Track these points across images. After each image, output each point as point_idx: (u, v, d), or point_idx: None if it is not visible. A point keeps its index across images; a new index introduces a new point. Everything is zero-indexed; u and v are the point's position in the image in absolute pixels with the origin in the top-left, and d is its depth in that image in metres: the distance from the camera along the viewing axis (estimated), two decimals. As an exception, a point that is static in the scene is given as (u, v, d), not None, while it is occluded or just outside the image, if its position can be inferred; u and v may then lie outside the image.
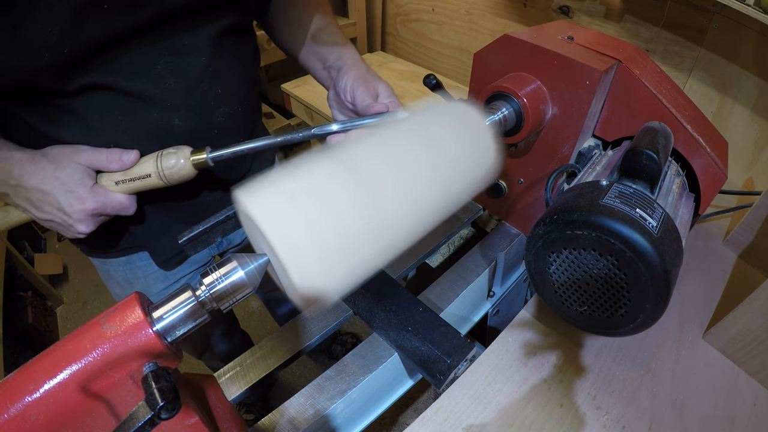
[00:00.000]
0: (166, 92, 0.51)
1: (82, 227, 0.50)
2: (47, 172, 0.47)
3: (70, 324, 1.70)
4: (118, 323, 0.29)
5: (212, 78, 0.55)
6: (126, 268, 0.70)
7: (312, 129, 0.49)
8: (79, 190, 0.47)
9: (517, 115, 0.53)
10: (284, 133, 0.51)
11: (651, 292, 0.40)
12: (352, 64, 0.60)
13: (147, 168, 0.49)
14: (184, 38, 0.51)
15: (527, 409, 0.51)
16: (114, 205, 0.50)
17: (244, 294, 0.32)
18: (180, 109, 0.53)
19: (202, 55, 0.53)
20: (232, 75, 0.58)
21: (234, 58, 0.58)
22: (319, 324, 0.61)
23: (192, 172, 0.51)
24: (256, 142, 0.50)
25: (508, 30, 0.58)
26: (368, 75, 0.58)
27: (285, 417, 0.51)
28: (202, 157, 0.50)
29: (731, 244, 0.73)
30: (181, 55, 0.51)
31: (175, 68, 0.51)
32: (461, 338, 0.54)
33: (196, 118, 0.55)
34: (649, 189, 0.46)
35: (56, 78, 0.45)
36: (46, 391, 0.27)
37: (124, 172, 0.50)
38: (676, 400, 0.52)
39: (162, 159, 0.49)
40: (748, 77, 0.91)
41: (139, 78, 0.49)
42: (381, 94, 0.55)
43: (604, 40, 0.58)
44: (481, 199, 0.77)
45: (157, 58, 0.49)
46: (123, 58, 0.47)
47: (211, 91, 0.56)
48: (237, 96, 0.60)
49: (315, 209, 0.29)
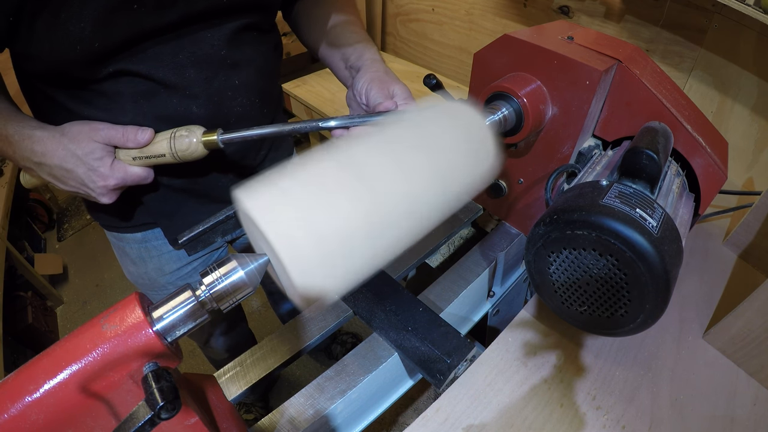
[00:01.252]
0: (186, 80, 0.54)
1: (105, 199, 0.53)
2: (69, 151, 0.49)
3: (70, 324, 1.70)
4: (118, 323, 0.29)
5: (230, 69, 0.57)
6: (141, 246, 0.72)
7: (319, 121, 0.50)
8: (101, 168, 0.50)
9: (517, 115, 0.53)
10: (293, 123, 0.52)
11: (651, 292, 0.40)
12: (371, 65, 0.60)
13: (161, 148, 0.52)
14: (207, 32, 0.53)
15: (527, 409, 0.51)
16: (133, 178, 0.53)
17: (244, 294, 0.32)
18: (199, 98, 0.56)
19: (222, 47, 0.55)
20: (251, 68, 0.60)
21: (253, 52, 0.60)
22: (319, 324, 0.61)
23: (203, 151, 0.53)
24: (265, 129, 0.51)
25: (508, 30, 0.58)
26: (385, 76, 0.58)
27: (285, 417, 0.51)
28: (213, 138, 0.52)
29: (731, 244, 0.73)
30: (202, 47, 0.53)
31: (196, 58, 0.53)
32: (461, 338, 0.53)
33: (214, 107, 0.57)
34: (649, 189, 0.46)
35: (87, 67, 0.48)
36: (46, 391, 0.27)
37: (141, 150, 0.52)
38: (676, 400, 0.52)
39: (175, 140, 0.52)
40: (748, 77, 0.91)
41: (163, 67, 0.52)
42: (397, 95, 0.56)
43: (604, 40, 0.58)
44: (481, 199, 0.77)
45: (180, 50, 0.52)
46: (149, 49, 0.50)
47: (229, 82, 0.58)
48: (255, 88, 0.62)
49: (315, 209, 0.29)
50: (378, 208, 0.32)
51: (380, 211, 0.32)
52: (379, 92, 0.55)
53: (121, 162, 0.52)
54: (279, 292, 1.06)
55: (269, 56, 0.64)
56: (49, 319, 1.65)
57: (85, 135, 0.50)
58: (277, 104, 0.73)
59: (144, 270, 0.74)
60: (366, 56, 0.63)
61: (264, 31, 0.62)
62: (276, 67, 0.68)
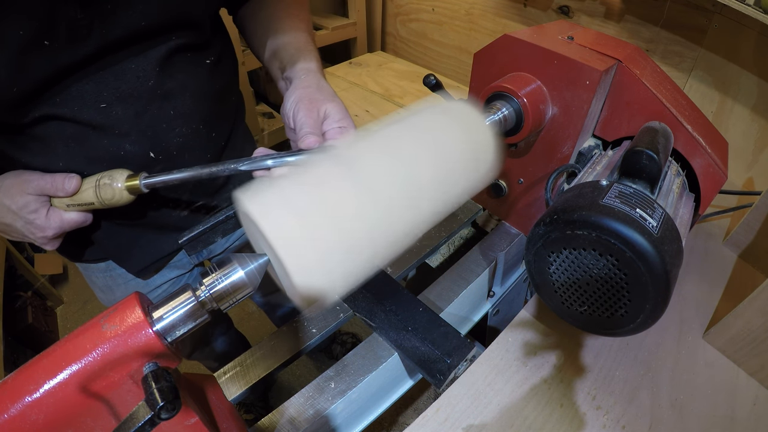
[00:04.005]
0: (113, 119, 0.50)
1: (48, 247, 0.53)
2: (4, 207, 0.49)
3: (70, 324, 1.70)
4: (118, 323, 0.29)
5: (162, 100, 0.53)
6: (106, 274, 0.70)
7: (236, 163, 0.46)
8: (37, 220, 0.50)
9: (517, 115, 0.53)
10: (211, 165, 0.47)
11: (651, 292, 0.40)
12: (303, 77, 0.52)
13: (88, 196, 0.50)
14: (131, 62, 0.49)
15: (527, 409, 0.51)
16: (71, 224, 0.52)
17: (244, 294, 0.32)
18: (130, 135, 0.52)
19: (149, 78, 0.50)
20: (186, 95, 0.55)
21: (186, 77, 0.55)
22: (319, 324, 0.61)
23: (129, 197, 0.50)
24: (183, 173, 0.48)
25: (508, 30, 0.58)
26: (317, 93, 0.49)
27: (285, 417, 0.51)
28: (136, 183, 0.49)
29: (731, 244, 0.73)
30: (127, 81, 0.49)
31: (121, 94, 0.49)
32: (461, 338, 0.53)
33: (148, 143, 0.54)
34: (649, 189, 0.46)
35: (11, 112, 0.45)
36: (46, 391, 0.27)
37: (72, 198, 0.50)
38: (676, 400, 0.52)
39: (100, 189, 0.50)
40: (748, 77, 0.91)
41: (87, 107, 0.48)
42: (329, 116, 0.48)
43: (604, 40, 0.58)
44: (481, 199, 0.77)
45: (104, 86, 0.48)
46: (72, 88, 0.47)
47: (162, 114, 0.53)
48: (195, 115, 0.57)
49: (315, 209, 0.29)
50: (378, 208, 0.32)
51: (380, 211, 0.32)
52: (306, 116, 0.47)
53: (57, 210, 0.51)
54: (271, 303, 1.06)
55: (208, 76, 0.58)
56: (49, 319, 1.65)
57: (18, 188, 0.49)
58: (233, 122, 0.67)
59: (113, 297, 0.73)
60: (299, 66, 0.54)
61: (199, 50, 0.56)
62: (224, 84, 0.62)
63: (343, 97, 1.95)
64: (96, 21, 0.44)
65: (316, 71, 0.54)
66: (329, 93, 0.50)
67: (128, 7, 0.45)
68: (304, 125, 0.46)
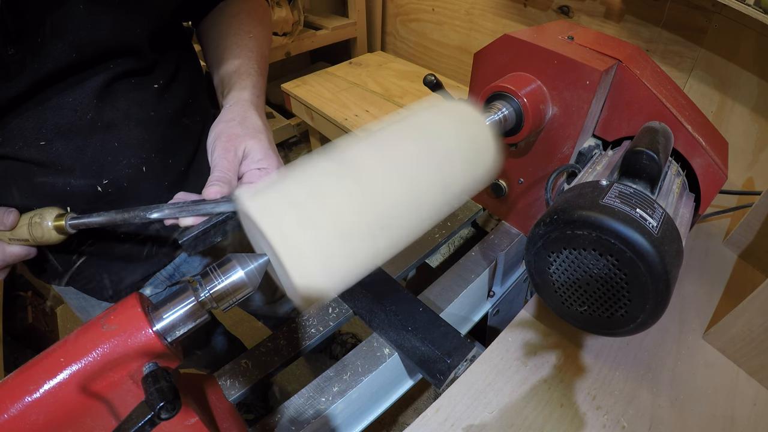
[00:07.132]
0: (54, 155, 0.49)
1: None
2: None
3: (70, 324, 1.69)
4: (118, 323, 0.29)
5: (104, 132, 0.50)
6: (79, 296, 0.67)
7: (145, 212, 0.43)
8: None
9: (517, 115, 0.53)
10: (123, 211, 0.45)
11: (651, 292, 0.40)
12: (229, 109, 0.49)
13: (23, 233, 0.49)
14: (67, 95, 0.47)
15: (527, 409, 0.51)
16: (13, 257, 0.50)
17: (244, 294, 0.32)
18: (74, 170, 0.50)
19: (87, 111, 0.48)
20: (130, 124, 0.52)
21: (131, 105, 0.52)
22: (319, 324, 0.61)
23: (58, 237, 0.48)
24: (101, 217, 0.45)
25: (508, 30, 0.58)
26: (238, 128, 0.46)
27: (285, 417, 0.51)
28: (62, 223, 0.48)
29: (731, 244, 0.73)
30: (65, 115, 0.47)
31: (61, 129, 0.48)
32: (461, 338, 0.53)
33: (94, 177, 0.52)
34: (649, 189, 0.46)
35: None
36: (46, 391, 0.27)
37: (12, 232, 0.49)
38: (676, 400, 0.52)
39: (32, 228, 0.49)
40: (748, 77, 0.91)
41: (28, 145, 0.47)
42: (248, 156, 0.45)
43: (604, 40, 0.58)
44: (481, 199, 0.77)
45: (42, 122, 0.47)
46: (12, 125, 0.45)
47: (106, 146, 0.51)
48: (145, 144, 0.54)
49: (315, 209, 0.29)
50: (378, 208, 0.32)
51: (380, 211, 0.32)
52: (221, 156, 0.43)
53: (1, 243, 0.49)
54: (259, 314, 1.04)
55: (156, 101, 0.54)
56: (49, 319, 1.65)
57: None
58: (198, 141, 0.63)
59: (88, 317, 0.70)
60: (231, 94, 0.50)
61: (143, 74, 0.52)
62: (178, 106, 0.58)
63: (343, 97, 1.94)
64: (27, 56, 0.42)
65: (247, 100, 0.50)
66: (253, 128, 0.47)
67: (58, 40, 0.43)
68: (215, 167, 0.43)
